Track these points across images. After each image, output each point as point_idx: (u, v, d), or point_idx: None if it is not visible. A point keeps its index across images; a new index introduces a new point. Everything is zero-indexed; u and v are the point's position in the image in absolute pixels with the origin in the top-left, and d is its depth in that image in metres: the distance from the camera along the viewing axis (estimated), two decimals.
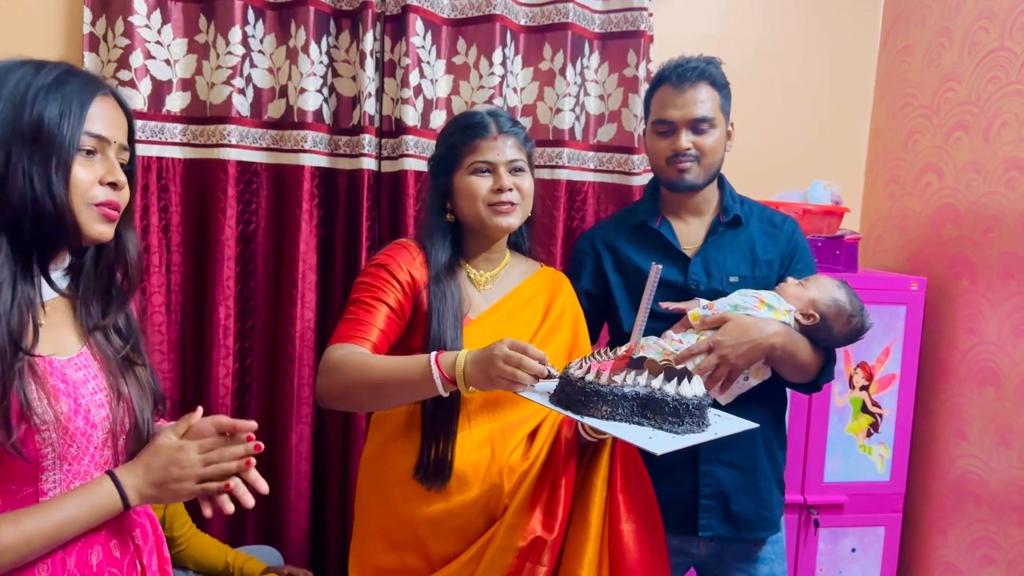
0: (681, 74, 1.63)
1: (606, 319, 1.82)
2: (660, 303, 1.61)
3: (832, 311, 1.61)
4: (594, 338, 1.76)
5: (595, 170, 2.33)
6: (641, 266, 1.69)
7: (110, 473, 1.06)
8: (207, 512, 1.11)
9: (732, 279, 1.68)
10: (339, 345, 1.41)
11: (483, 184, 1.50)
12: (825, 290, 1.63)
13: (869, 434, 2.29)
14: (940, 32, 2.34)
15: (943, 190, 2.32)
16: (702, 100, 1.63)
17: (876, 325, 2.23)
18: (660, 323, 1.63)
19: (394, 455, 1.48)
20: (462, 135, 1.52)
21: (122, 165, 1.10)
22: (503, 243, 1.60)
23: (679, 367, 1.29)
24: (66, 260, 1.11)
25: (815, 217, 2.29)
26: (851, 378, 2.26)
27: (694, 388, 1.26)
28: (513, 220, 1.52)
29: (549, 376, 1.28)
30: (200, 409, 1.15)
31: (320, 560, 2.21)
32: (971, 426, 2.18)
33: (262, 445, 1.12)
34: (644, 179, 2.33)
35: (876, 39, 2.63)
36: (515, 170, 1.52)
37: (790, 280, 1.66)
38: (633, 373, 1.26)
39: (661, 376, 1.26)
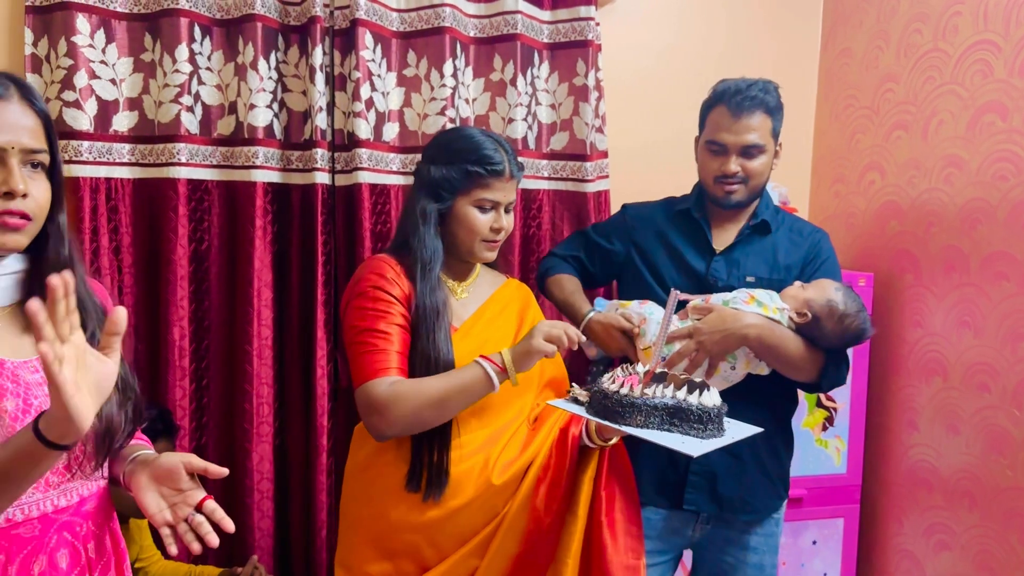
0: (739, 103, 1.72)
1: (616, 278, 1.99)
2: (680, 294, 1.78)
3: (824, 311, 1.67)
4: (589, 285, 1.98)
5: (549, 178, 2.36)
6: (676, 245, 1.83)
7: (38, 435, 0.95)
8: (172, 550, 1.11)
9: (749, 279, 1.79)
10: (376, 381, 1.47)
11: (485, 221, 1.58)
12: (822, 291, 1.69)
13: (824, 428, 2.34)
14: (877, 35, 2.42)
15: (886, 188, 2.39)
16: (755, 128, 1.73)
17: None
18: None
19: (384, 466, 1.54)
20: (482, 167, 1.55)
21: (38, 165, 1.08)
22: None
23: (698, 380, 1.42)
24: (11, 267, 1.10)
25: None
26: None
27: (712, 398, 1.40)
28: (496, 254, 1.65)
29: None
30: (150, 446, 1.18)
31: None
32: (921, 416, 2.25)
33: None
34: (597, 186, 2.36)
35: (817, 43, 2.70)
36: (509, 211, 1.62)
37: (796, 283, 1.74)
38: (660, 386, 1.40)
39: (684, 388, 1.40)
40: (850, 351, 2.25)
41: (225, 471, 1.13)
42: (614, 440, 1.55)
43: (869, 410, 2.40)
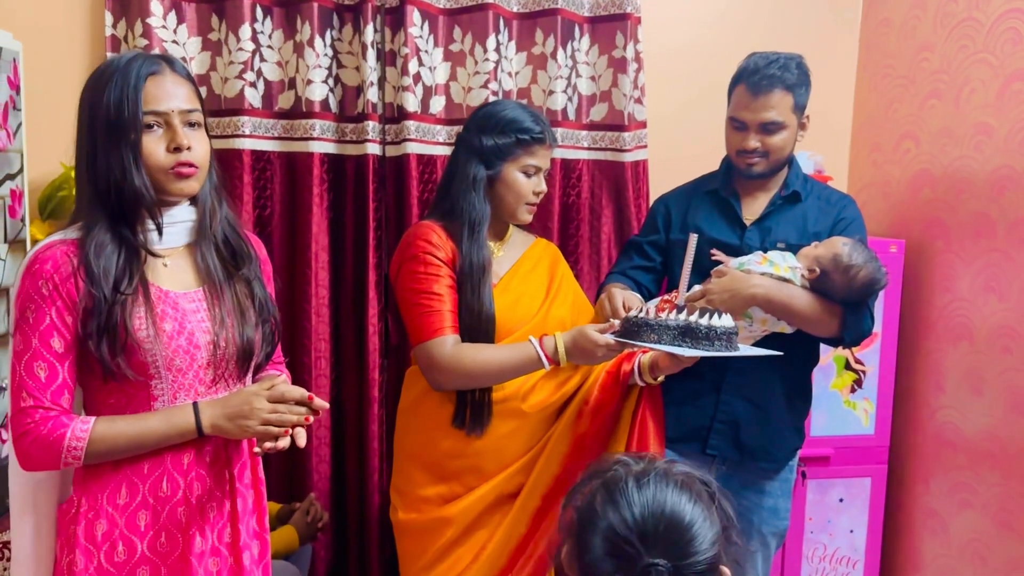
0: (757, 82, 1.80)
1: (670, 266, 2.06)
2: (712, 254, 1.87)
3: (830, 264, 1.75)
4: (659, 285, 2.08)
5: (588, 148, 2.46)
6: (703, 228, 1.91)
7: (194, 403, 1.28)
8: (266, 446, 1.29)
9: (779, 245, 1.88)
10: (437, 341, 1.66)
11: (529, 186, 1.76)
12: (829, 247, 1.77)
13: (853, 390, 2.42)
14: (915, 4, 2.44)
15: (920, 156, 2.43)
16: (773, 106, 1.80)
17: None
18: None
19: (433, 404, 1.74)
20: (530, 135, 1.72)
21: (195, 124, 1.30)
22: None
23: (712, 308, 1.59)
24: (183, 216, 1.32)
25: None
26: None
27: (723, 321, 1.57)
28: (532, 217, 1.82)
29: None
30: (285, 376, 1.44)
31: (341, 516, 2.38)
32: (948, 379, 2.31)
33: (311, 419, 1.34)
34: (635, 155, 2.46)
35: (858, 13, 2.73)
36: (544, 177, 1.80)
37: (812, 244, 1.82)
38: (675, 312, 1.59)
39: (697, 313, 1.57)
40: (879, 310, 2.34)
41: (325, 405, 1.35)
42: (661, 379, 1.72)
43: (898, 373, 2.46)
